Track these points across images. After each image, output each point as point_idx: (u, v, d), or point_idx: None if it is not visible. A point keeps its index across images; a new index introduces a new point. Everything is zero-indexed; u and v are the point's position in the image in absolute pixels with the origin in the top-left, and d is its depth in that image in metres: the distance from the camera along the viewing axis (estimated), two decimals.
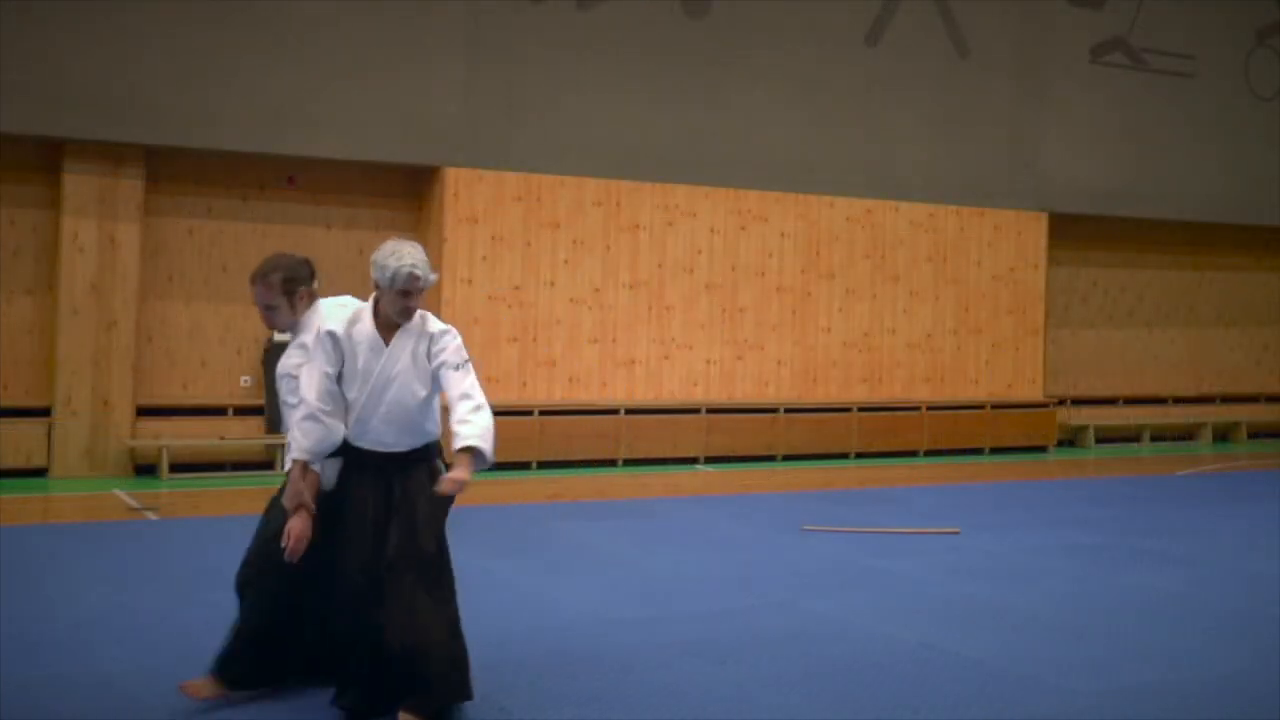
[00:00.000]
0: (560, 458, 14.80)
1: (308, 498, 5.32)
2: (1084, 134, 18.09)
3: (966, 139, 17.29)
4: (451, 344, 5.48)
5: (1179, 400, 19.49)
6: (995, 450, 17.21)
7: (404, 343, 5.44)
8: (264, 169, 14.33)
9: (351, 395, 5.44)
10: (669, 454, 15.38)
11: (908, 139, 16.93)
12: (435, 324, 5.51)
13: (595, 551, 9.39)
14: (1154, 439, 18.96)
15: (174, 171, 13.97)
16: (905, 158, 16.96)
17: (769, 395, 16.17)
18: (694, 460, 15.49)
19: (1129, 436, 18.89)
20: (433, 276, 5.47)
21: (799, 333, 16.37)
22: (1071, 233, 18.52)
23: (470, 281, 14.65)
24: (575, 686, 5.76)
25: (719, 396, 15.88)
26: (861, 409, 16.52)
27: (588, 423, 14.99)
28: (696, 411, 15.60)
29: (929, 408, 16.91)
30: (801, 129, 16.29)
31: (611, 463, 15.10)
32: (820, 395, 16.46)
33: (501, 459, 14.33)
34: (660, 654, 6.36)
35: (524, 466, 14.50)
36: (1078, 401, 18.61)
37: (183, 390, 14.12)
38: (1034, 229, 17.84)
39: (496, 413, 5.59)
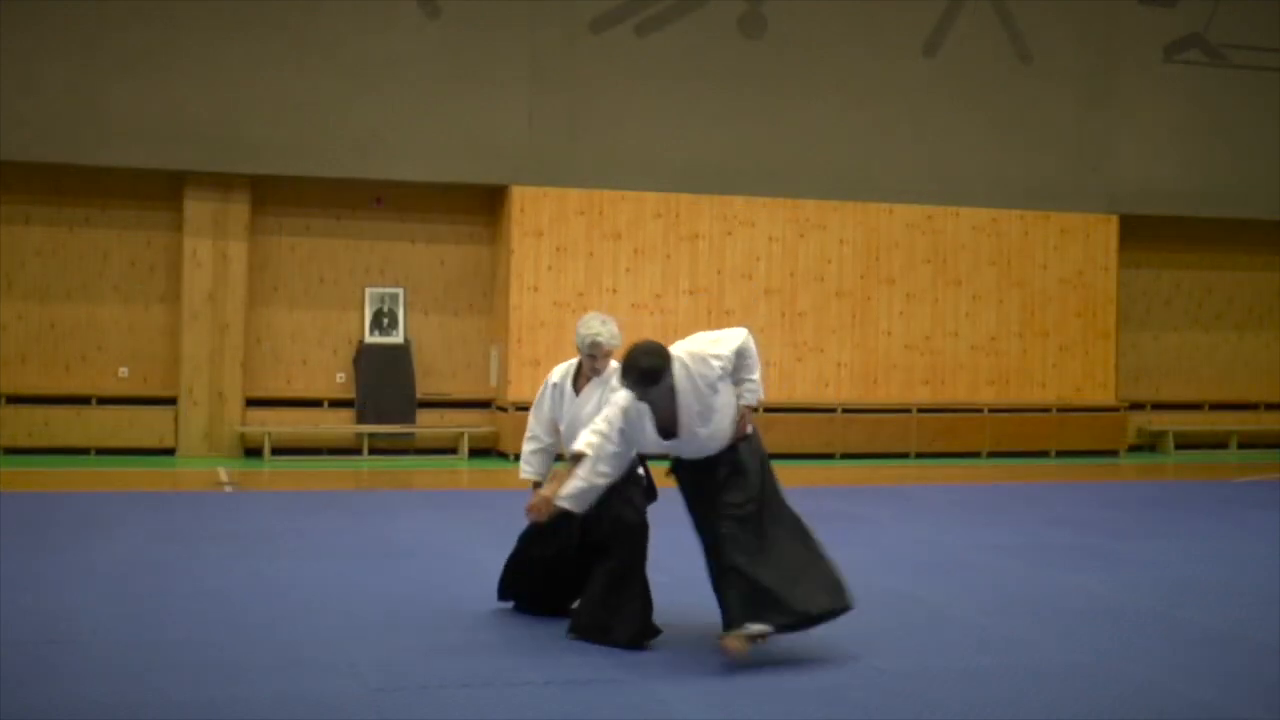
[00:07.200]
0: None
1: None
2: (1159, 134, 17.72)
3: (1030, 144, 17.33)
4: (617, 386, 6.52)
5: (1270, 406, 18.58)
6: (1061, 454, 17.25)
7: (591, 392, 6.84)
8: (354, 192, 16.23)
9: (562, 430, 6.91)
10: None
11: (969, 145, 17.16)
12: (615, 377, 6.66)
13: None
14: (1243, 446, 18.26)
15: (276, 196, 16.08)
16: (966, 164, 17.18)
17: (828, 396, 16.87)
18: None
19: (1215, 443, 18.29)
20: (615, 342, 6.80)
21: (859, 335, 16.95)
22: (1149, 235, 18.11)
23: (536, 289, 16.10)
24: None
25: (778, 396, 16.68)
26: (921, 410, 16.97)
27: None
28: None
29: (991, 410, 17.17)
30: (858, 139, 16.83)
31: None
32: (881, 396, 17.01)
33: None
34: None
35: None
36: (1157, 406, 18.22)
37: (285, 384, 16.21)
38: (1103, 232, 17.71)
39: None
